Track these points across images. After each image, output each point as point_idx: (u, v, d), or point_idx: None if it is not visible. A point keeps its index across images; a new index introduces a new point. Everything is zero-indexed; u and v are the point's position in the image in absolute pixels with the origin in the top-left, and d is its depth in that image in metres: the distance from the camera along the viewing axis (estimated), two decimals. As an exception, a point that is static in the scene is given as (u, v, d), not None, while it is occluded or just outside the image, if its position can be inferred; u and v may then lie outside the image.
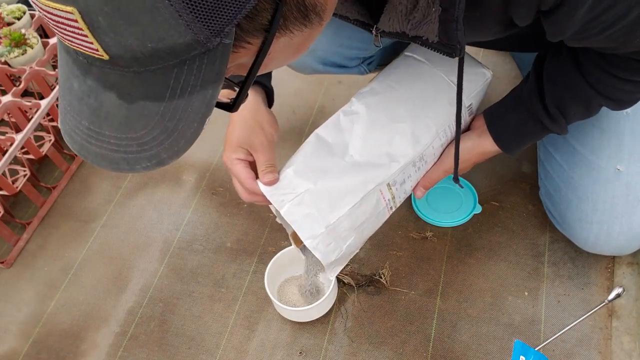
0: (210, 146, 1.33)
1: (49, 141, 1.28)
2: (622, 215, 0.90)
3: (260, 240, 1.15)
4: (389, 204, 0.84)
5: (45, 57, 1.29)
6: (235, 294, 1.08)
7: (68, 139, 0.49)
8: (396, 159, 0.82)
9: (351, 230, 0.79)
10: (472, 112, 0.92)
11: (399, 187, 0.84)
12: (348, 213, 0.78)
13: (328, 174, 0.79)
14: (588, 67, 0.77)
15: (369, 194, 0.80)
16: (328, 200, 0.77)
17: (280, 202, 0.78)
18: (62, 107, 0.49)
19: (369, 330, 1.00)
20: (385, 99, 0.85)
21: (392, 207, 0.85)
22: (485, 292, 1.02)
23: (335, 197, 0.78)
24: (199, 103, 0.46)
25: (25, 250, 1.22)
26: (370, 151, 0.81)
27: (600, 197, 0.91)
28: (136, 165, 0.47)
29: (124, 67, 0.43)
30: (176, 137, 0.46)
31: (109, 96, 0.45)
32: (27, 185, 1.22)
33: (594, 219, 0.92)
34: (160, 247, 1.18)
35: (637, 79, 0.75)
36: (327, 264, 0.79)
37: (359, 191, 0.79)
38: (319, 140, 0.82)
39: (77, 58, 0.45)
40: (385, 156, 0.81)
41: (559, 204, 0.97)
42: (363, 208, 0.79)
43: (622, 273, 1.00)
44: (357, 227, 0.80)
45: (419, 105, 0.85)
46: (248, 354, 1.01)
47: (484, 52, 1.37)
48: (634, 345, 0.93)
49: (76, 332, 1.08)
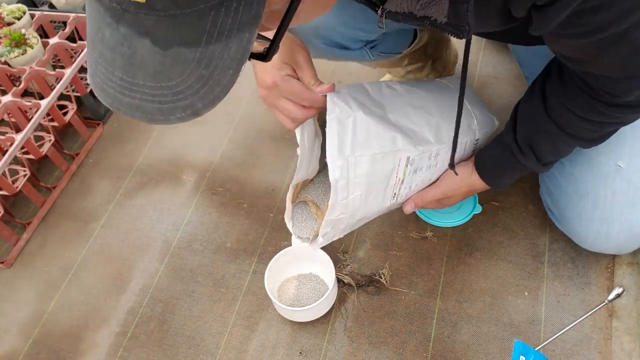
0: (211, 146, 1.33)
1: (49, 141, 1.28)
2: (622, 212, 0.90)
3: (260, 240, 1.15)
4: (396, 187, 0.86)
5: (45, 57, 1.29)
6: (235, 294, 1.08)
7: (100, 92, 0.48)
8: (421, 142, 0.86)
9: (358, 186, 0.81)
10: (479, 147, 1.00)
11: (412, 174, 0.87)
12: (370, 158, 0.80)
13: (372, 113, 0.81)
14: (552, 103, 0.81)
15: (393, 153, 0.82)
16: (365, 134, 0.79)
17: (333, 109, 0.77)
18: (92, 60, 0.48)
19: (369, 330, 1.00)
20: (419, 94, 0.92)
21: (395, 195, 0.88)
22: (485, 292, 1.02)
23: (371, 135, 0.79)
24: (236, 47, 0.45)
25: (25, 250, 1.22)
26: (403, 119, 0.85)
27: (600, 194, 0.90)
28: (170, 116, 0.46)
29: (159, 11, 0.42)
30: (211, 85, 0.45)
31: (143, 43, 0.44)
32: (27, 185, 1.22)
33: (594, 216, 0.92)
34: (160, 247, 1.18)
35: (595, 119, 0.78)
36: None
37: (387, 145, 0.81)
38: (362, 87, 0.85)
39: (110, 5, 0.44)
40: (414, 133, 0.85)
41: (559, 201, 0.97)
42: (380, 166, 0.81)
43: (622, 273, 1.00)
44: (365, 189, 0.81)
45: (445, 112, 0.90)
46: (248, 354, 1.01)
47: (484, 52, 1.38)
48: (634, 345, 0.93)
49: (76, 332, 1.08)
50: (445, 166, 0.92)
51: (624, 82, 0.71)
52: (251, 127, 1.36)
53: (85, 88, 1.37)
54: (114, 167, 1.34)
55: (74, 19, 1.35)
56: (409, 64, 1.15)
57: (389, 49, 1.03)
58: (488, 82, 1.33)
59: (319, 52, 0.97)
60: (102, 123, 1.43)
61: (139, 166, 1.33)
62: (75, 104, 1.34)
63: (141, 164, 1.34)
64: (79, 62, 1.27)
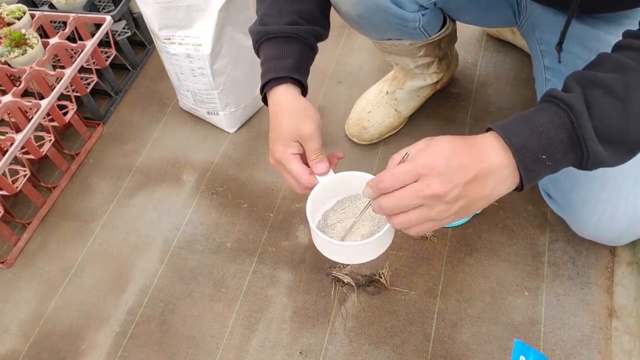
0: (210, 146, 1.33)
1: (49, 141, 1.28)
2: (629, 195, 0.90)
3: (260, 240, 1.15)
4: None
5: (45, 57, 1.29)
6: (235, 294, 1.08)
7: None
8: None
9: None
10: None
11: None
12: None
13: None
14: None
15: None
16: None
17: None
18: None
19: (369, 330, 1.00)
20: None
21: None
22: (485, 292, 1.02)
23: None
24: None
25: (25, 250, 1.22)
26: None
27: (610, 175, 0.89)
28: None
29: None
30: None
31: None
32: (27, 185, 1.22)
33: (601, 198, 0.91)
34: (160, 247, 1.18)
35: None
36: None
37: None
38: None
39: None
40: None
41: (564, 185, 0.96)
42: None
43: (621, 273, 1.00)
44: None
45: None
46: (248, 354, 1.01)
47: (484, 52, 1.38)
48: (634, 345, 0.93)
49: (76, 332, 1.08)
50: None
51: None
52: (251, 127, 1.36)
53: (85, 88, 1.38)
54: (114, 167, 1.34)
55: (74, 19, 1.35)
56: (424, 55, 1.15)
57: (428, 25, 1.03)
58: (488, 82, 1.33)
59: (372, 7, 0.94)
60: (102, 123, 1.43)
61: (139, 166, 1.33)
62: (75, 104, 1.34)
63: (141, 164, 1.34)
64: (79, 62, 1.27)
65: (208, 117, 1.35)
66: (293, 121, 0.80)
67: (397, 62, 1.20)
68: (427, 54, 1.15)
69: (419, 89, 1.25)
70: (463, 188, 0.62)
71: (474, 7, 1.06)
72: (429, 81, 1.23)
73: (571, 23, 0.80)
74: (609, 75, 0.64)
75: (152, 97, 1.48)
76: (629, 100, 0.62)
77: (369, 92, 1.28)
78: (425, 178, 0.61)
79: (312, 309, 1.04)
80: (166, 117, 1.42)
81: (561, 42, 0.83)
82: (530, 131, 0.62)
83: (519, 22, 1.06)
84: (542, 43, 1.00)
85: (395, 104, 1.25)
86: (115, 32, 1.49)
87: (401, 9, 0.95)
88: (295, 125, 0.79)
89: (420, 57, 1.16)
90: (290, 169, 0.79)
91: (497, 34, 1.39)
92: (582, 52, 0.90)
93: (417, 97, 1.26)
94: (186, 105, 1.39)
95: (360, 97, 1.29)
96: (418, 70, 1.20)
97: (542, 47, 1.00)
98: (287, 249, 1.13)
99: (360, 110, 1.26)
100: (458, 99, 1.31)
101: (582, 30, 0.90)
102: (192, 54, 1.21)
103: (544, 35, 0.99)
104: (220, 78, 1.24)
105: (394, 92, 1.24)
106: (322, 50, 1.53)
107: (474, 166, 0.62)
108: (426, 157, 0.62)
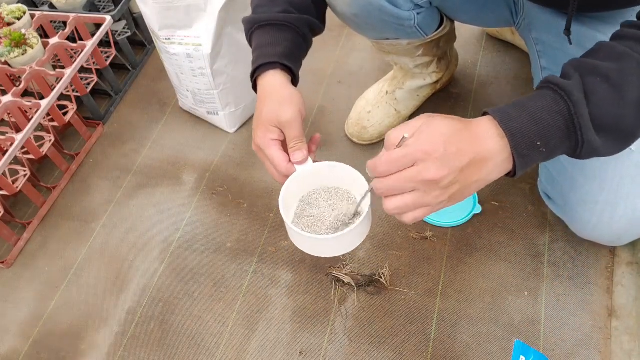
0: (210, 146, 1.33)
1: (49, 141, 1.28)
2: (628, 196, 0.89)
3: (260, 240, 1.15)
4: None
5: (45, 57, 1.29)
6: (235, 294, 1.08)
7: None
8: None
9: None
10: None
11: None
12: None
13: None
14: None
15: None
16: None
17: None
18: None
19: (369, 330, 1.00)
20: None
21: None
22: (485, 292, 1.02)
23: None
24: None
25: (25, 250, 1.22)
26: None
27: (608, 176, 0.89)
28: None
29: None
30: None
31: None
32: (27, 185, 1.22)
33: (600, 198, 0.90)
34: (160, 247, 1.18)
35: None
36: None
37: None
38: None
39: None
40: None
41: (563, 186, 0.95)
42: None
43: (621, 273, 1.00)
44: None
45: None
46: (248, 354, 1.01)
47: (484, 52, 1.38)
48: (634, 345, 0.93)
49: (76, 332, 1.08)
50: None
51: None
52: (251, 127, 1.35)
53: (85, 88, 1.38)
54: (114, 167, 1.34)
55: (74, 19, 1.35)
56: (423, 54, 1.15)
57: (425, 24, 1.03)
58: (488, 82, 1.33)
59: (366, 7, 0.94)
60: (102, 123, 1.43)
61: (139, 166, 1.33)
62: (75, 104, 1.34)
63: (141, 164, 1.34)
64: (79, 62, 1.27)
65: (208, 117, 1.35)
66: (274, 106, 0.79)
67: (397, 62, 1.20)
68: (426, 53, 1.15)
69: (418, 88, 1.25)
70: (459, 173, 0.61)
71: (470, 7, 1.06)
72: (428, 81, 1.23)
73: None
74: (606, 64, 0.64)
75: (152, 97, 1.48)
76: (625, 89, 0.62)
77: (369, 92, 1.28)
78: (422, 163, 0.61)
79: (312, 309, 1.04)
80: (166, 117, 1.42)
81: (569, 27, 0.80)
82: (527, 117, 0.62)
83: (516, 21, 1.05)
84: (539, 43, 1.00)
85: (395, 104, 1.25)
86: (115, 32, 1.49)
87: (396, 7, 0.96)
88: (276, 111, 0.78)
89: (419, 56, 1.16)
90: (268, 155, 0.79)
91: (497, 34, 1.39)
92: (578, 52, 0.90)
93: (417, 97, 1.26)
94: (186, 105, 1.39)
95: (360, 97, 1.29)
96: (417, 70, 1.20)
97: (539, 47, 1.00)
98: (287, 249, 1.13)
99: (360, 110, 1.26)
100: (458, 99, 1.31)
101: (579, 30, 0.90)
102: (192, 54, 1.21)
103: (541, 36, 0.99)
104: (220, 78, 1.25)
105: (393, 92, 1.24)
106: (322, 50, 1.54)
107: (471, 151, 0.62)
108: (423, 142, 0.61)
